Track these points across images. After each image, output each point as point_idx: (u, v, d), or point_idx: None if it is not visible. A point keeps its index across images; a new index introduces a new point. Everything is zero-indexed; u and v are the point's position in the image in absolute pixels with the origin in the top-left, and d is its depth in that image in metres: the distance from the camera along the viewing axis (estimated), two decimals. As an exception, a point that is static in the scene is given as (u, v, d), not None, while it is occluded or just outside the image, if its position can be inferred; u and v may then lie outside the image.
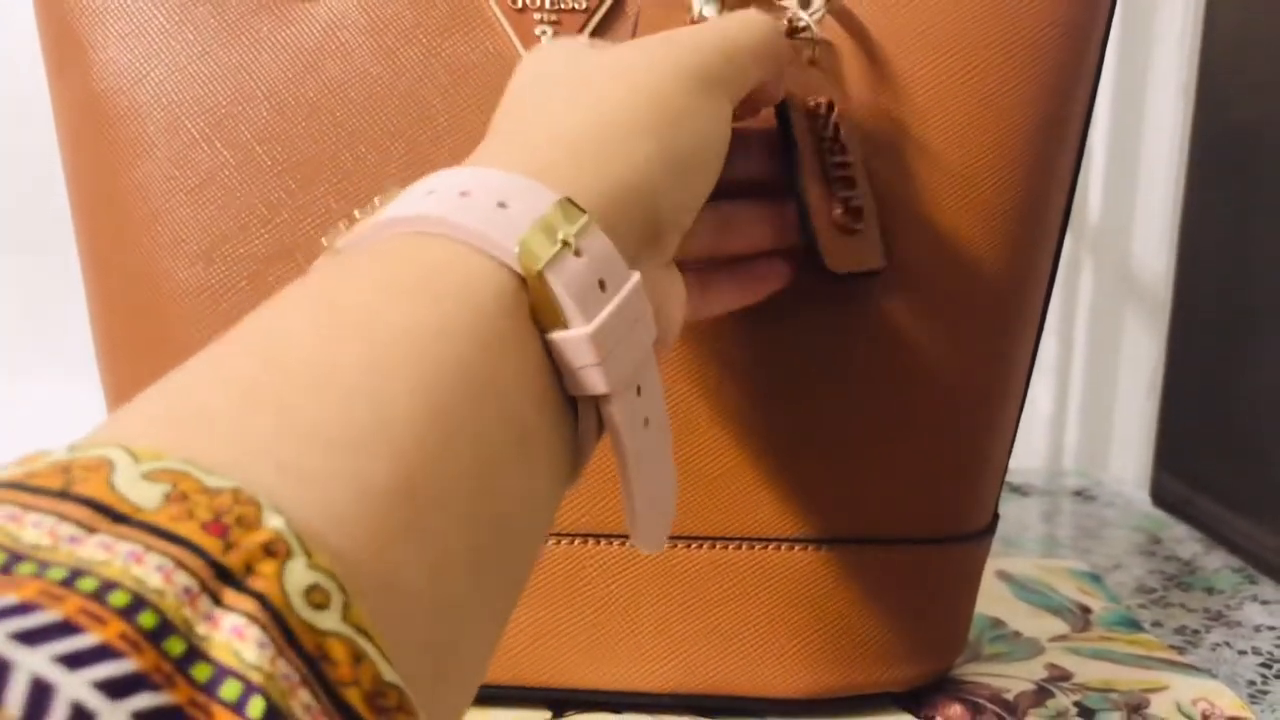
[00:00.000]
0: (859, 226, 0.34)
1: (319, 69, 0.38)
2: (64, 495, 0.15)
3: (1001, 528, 0.61)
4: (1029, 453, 0.80)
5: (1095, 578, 0.53)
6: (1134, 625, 0.48)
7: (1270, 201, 0.63)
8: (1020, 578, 0.53)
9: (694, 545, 0.38)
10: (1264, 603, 0.52)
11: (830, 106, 0.34)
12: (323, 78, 0.38)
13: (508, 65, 0.37)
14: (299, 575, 0.15)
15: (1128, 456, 0.80)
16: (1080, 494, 0.71)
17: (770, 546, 0.38)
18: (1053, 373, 0.80)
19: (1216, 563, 0.58)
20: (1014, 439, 0.40)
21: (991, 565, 0.53)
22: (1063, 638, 0.46)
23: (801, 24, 0.35)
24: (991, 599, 0.50)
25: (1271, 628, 0.49)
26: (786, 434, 0.37)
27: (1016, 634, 0.46)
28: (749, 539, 0.38)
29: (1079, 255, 0.80)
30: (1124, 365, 0.81)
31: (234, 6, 0.38)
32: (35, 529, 0.14)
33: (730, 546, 0.38)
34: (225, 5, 0.38)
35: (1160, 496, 0.73)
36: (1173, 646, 0.46)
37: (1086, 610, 0.49)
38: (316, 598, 0.15)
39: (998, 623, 0.47)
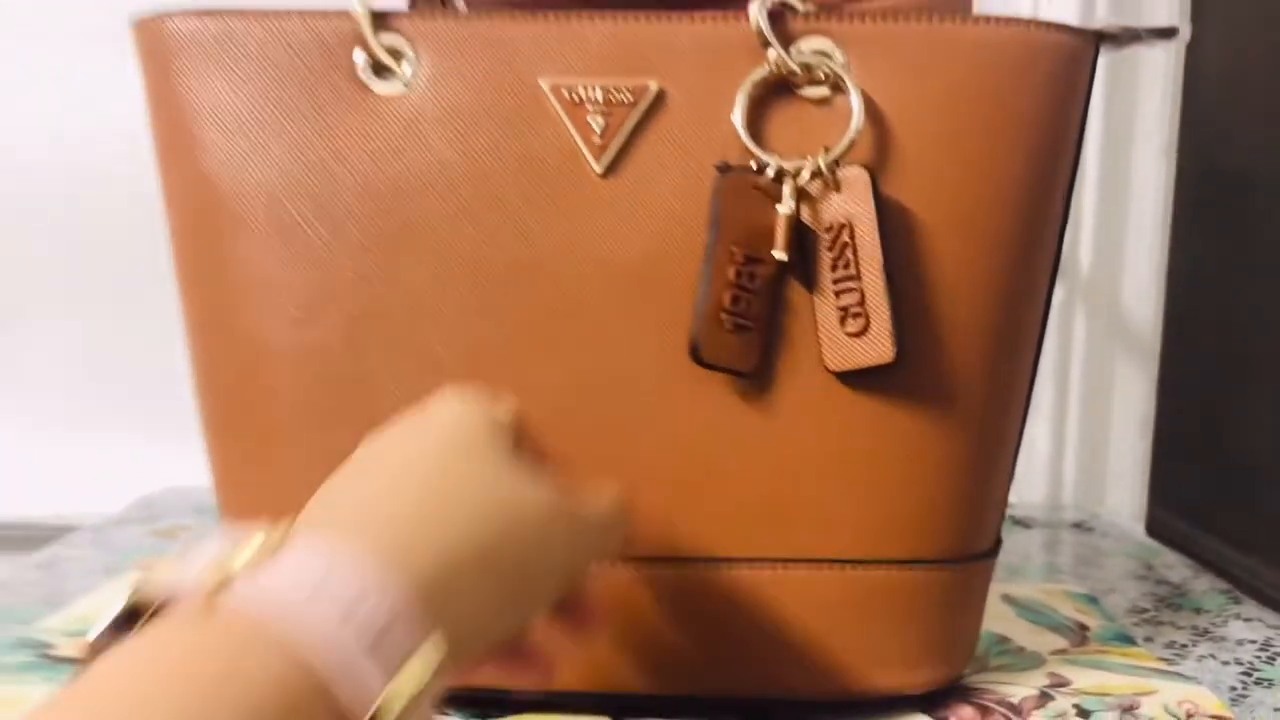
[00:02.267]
0: (855, 330, 0.40)
1: (401, 156, 0.43)
2: None
3: (1006, 557, 0.66)
4: (1030, 489, 0.85)
5: (1092, 599, 0.58)
6: (1127, 640, 0.53)
7: (1252, 248, 0.68)
8: (1023, 600, 0.58)
9: (732, 567, 0.43)
10: (1246, 620, 0.57)
11: (845, 228, 0.40)
12: (404, 164, 0.43)
13: (569, 153, 0.42)
14: None
15: (1122, 492, 0.85)
16: (1078, 526, 0.76)
17: (806, 567, 0.43)
18: (1050, 415, 0.85)
19: (1204, 585, 0.63)
20: (1012, 475, 0.45)
21: (997, 589, 0.58)
22: (1062, 651, 0.51)
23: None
24: (997, 618, 0.55)
25: (1253, 641, 0.54)
26: (826, 472, 0.42)
27: (1020, 649, 0.51)
28: (787, 560, 0.43)
29: (1072, 303, 0.85)
30: (1117, 407, 0.86)
31: (328, 104, 0.43)
32: None
33: (771, 567, 0.43)
34: (320, 102, 0.43)
35: (1154, 528, 0.78)
36: (1162, 658, 0.51)
37: (1084, 628, 0.54)
38: None
39: (1003, 639, 0.52)
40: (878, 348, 0.40)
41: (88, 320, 0.89)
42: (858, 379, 0.42)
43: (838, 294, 0.41)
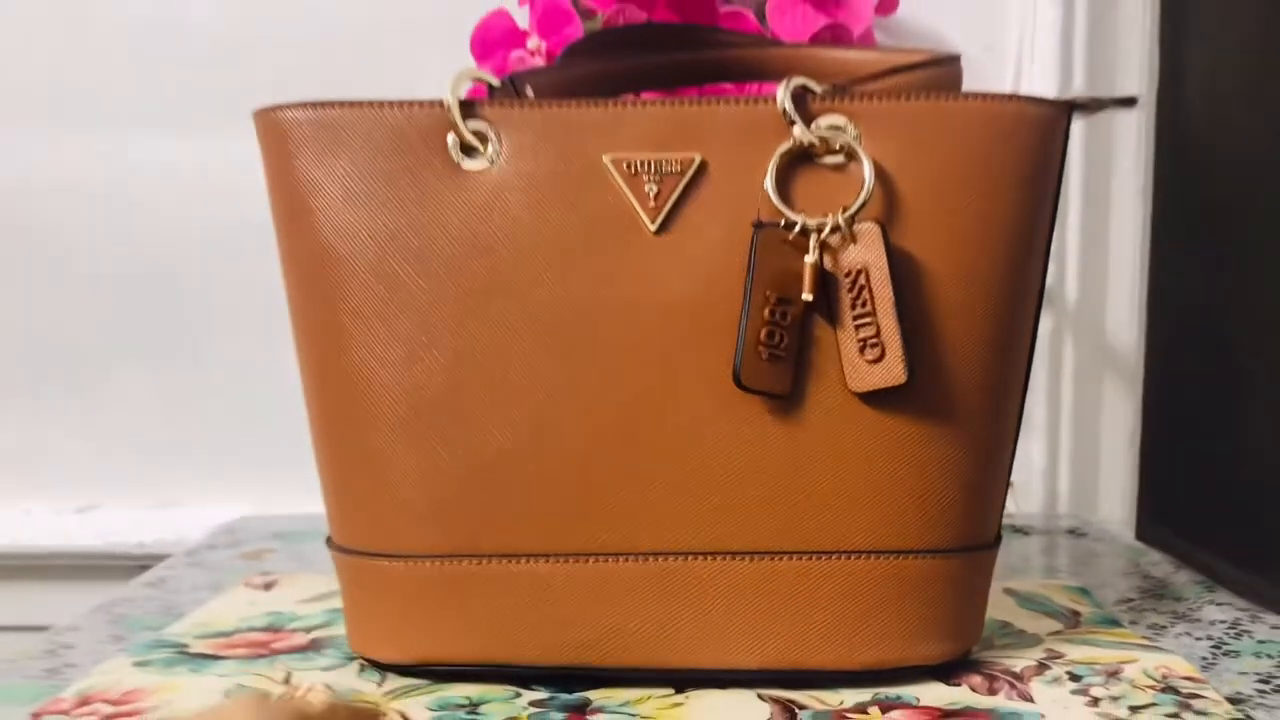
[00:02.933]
0: (874, 357, 0.48)
1: (488, 219, 0.52)
2: None
3: (1007, 559, 0.74)
4: (1028, 501, 0.93)
5: (1084, 591, 0.66)
6: (1115, 623, 0.60)
7: (1225, 278, 0.76)
8: (1023, 592, 0.66)
9: (777, 558, 0.51)
10: (1219, 605, 0.65)
11: (861, 273, 0.49)
12: (490, 227, 0.52)
13: (627, 214, 0.51)
14: None
15: (1113, 501, 0.93)
16: (1073, 532, 0.84)
17: (834, 558, 0.51)
18: (1045, 433, 0.94)
19: (1184, 579, 0.71)
20: (1009, 477, 0.53)
21: (1000, 584, 0.66)
22: (1058, 632, 0.59)
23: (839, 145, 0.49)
24: (1000, 608, 0.63)
25: (1223, 621, 0.61)
26: (849, 477, 0.51)
27: (1021, 631, 0.59)
28: (818, 552, 0.51)
29: (1062, 332, 0.94)
30: (1105, 425, 0.94)
31: (425, 178, 0.52)
32: None
33: (806, 558, 0.51)
34: (419, 177, 0.52)
35: (1142, 535, 0.86)
36: (1144, 636, 0.58)
37: (1077, 613, 0.62)
38: None
39: (1006, 624, 0.60)
40: (892, 372, 0.49)
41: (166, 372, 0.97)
42: (875, 398, 0.50)
43: (857, 328, 0.49)
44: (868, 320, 0.49)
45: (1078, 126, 0.90)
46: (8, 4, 0.94)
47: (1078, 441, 0.94)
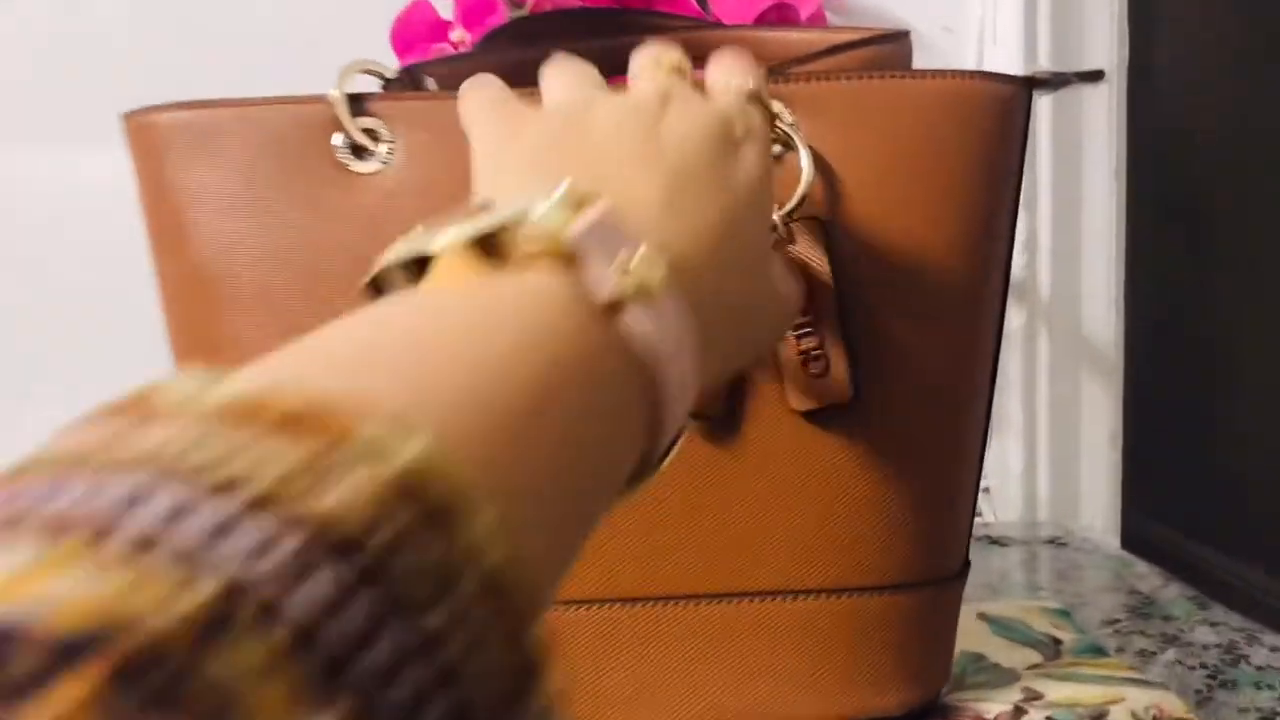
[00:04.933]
0: (818, 371, 0.43)
1: (381, 227, 0.46)
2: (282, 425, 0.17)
3: (984, 576, 0.68)
4: (1005, 508, 0.88)
5: (1065, 613, 0.61)
6: (1099, 651, 0.55)
7: (1206, 262, 0.71)
8: (999, 617, 0.60)
9: (716, 602, 0.45)
10: (1213, 624, 0.59)
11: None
12: (383, 238, 0.46)
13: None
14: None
15: (1095, 505, 0.88)
16: (1053, 542, 0.79)
17: (779, 599, 0.45)
18: (1021, 435, 0.88)
19: (1173, 593, 0.65)
20: (976, 499, 0.48)
21: (974, 608, 0.60)
22: (1037, 666, 0.53)
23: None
24: (973, 636, 0.57)
25: (1218, 645, 0.56)
26: (794, 506, 0.45)
27: (995, 665, 0.54)
28: (761, 593, 0.45)
29: (1035, 326, 0.88)
30: (1085, 423, 0.89)
31: (310, 184, 0.46)
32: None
33: (746, 601, 0.45)
34: (303, 183, 0.46)
35: (1129, 533, 0.81)
36: (1132, 666, 0.53)
37: (1058, 641, 0.56)
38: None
39: (979, 657, 0.55)
40: (837, 388, 0.43)
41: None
42: (821, 417, 0.44)
43: (798, 339, 0.43)
44: (809, 330, 0.43)
45: (1044, 108, 0.84)
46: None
47: (1056, 442, 0.89)
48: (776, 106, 0.45)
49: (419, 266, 0.28)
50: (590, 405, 0.24)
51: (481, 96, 0.36)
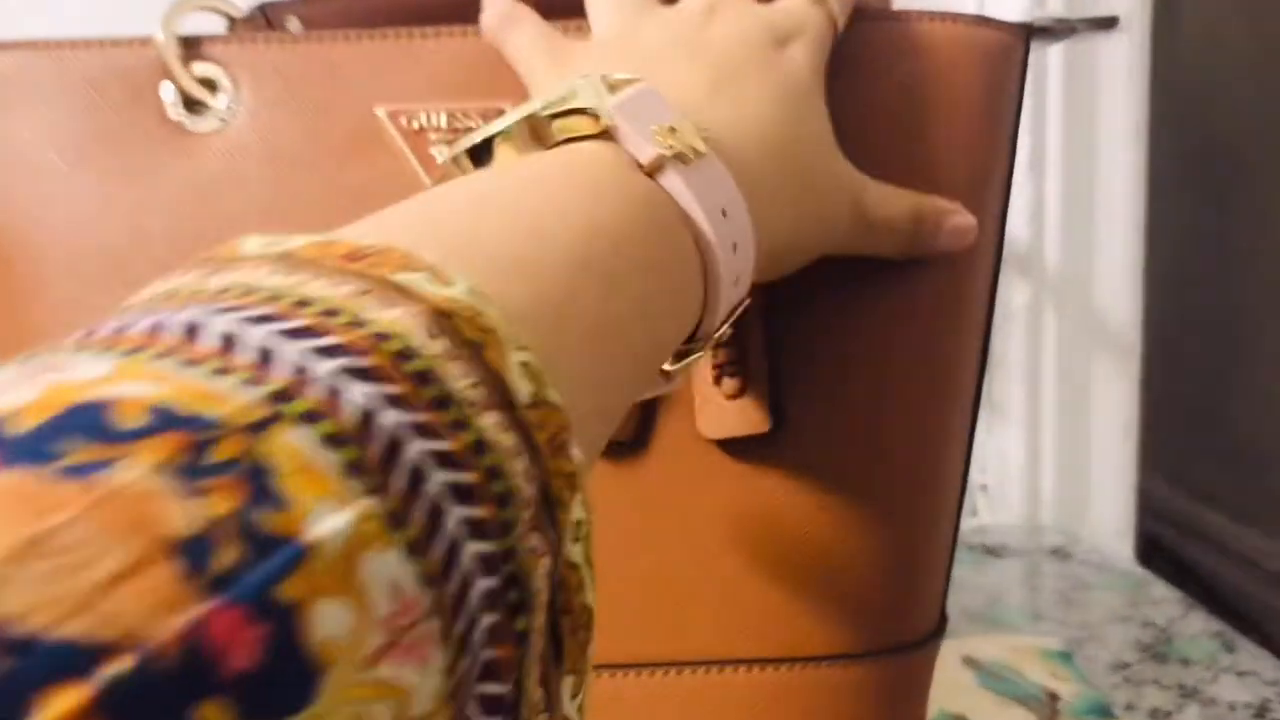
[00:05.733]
0: (732, 391, 0.33)
1: (217, 200, 0.37)
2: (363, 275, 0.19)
3: (976, 595, 0.60)
4: (1004, 508, 0.79)
5: (1067, 656, 0.52)
6: (1104, 712, 0.46)
7: (1234, 231, 0.63)
8: (987, 664, 0.51)
9: (630, 673, 0.37)
10: (1240, 674, 0.50)
11: None
12: (221, 209, 0.37)
13: (408, 185, 0.36)
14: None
15: (1106, 506, 0.78)
16: (1057, 552, 0.70)
17: (703, 671, 0.36)
18: (1023, 425, 0.79)
19: (1194, 628, 0.56)
20: (954, 543, 0.39)
21: (960, 648, 0.51)
22: (1030, 731, 0.45)
23: None
24: (956, 690, 0.48)
25: (1248, 705, 0.47)
26: (719, 559, 0.36)
27: (981, 731, 0.45)
28: (680, 664, 0.36)
29: (1041, 303, 0.79)
30: (1096, 411, 0.79)
31: (132, 144, 0.37)
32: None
33: (663, 673, 0.37)
34: (124, 143, 0.37)
35: (1152, 506, 0.72)
36: (1144, 734, 0.44)
37: (1055, 698, 0.48)
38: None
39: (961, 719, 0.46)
40: (754, 414, 0.34)
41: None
42: (744, 448, 0.35)
43: (714, 346, 0.34)
44: (725, 336, 0.34)
45: (1056, 59, 0.75)
46: None
47: (1063, 433, 0.80)
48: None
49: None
50: (635, 258, 0.25)
51: (529, 33, 0.35)
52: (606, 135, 0.26)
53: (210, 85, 0.37)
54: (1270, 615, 0.61)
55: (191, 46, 0.37)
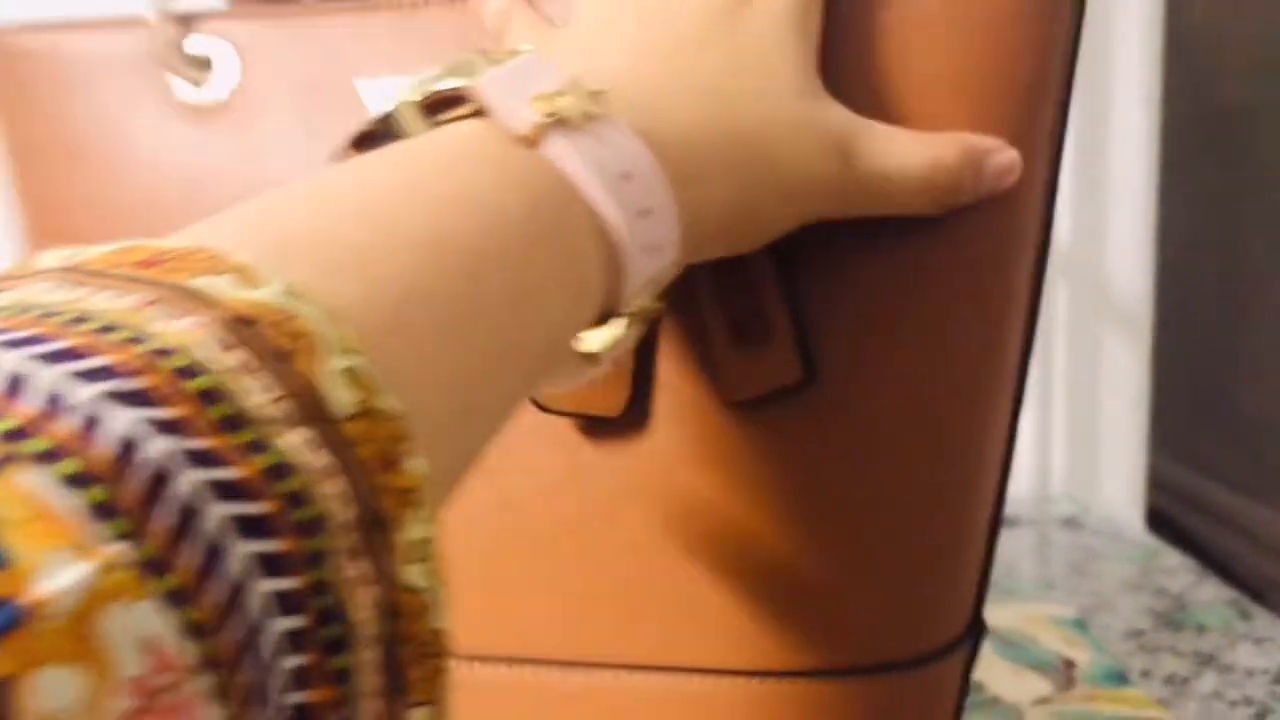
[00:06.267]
0: (755, 345, 0.32)
1: (218, 183, 0.37)
2: (158, 284, 0.17)
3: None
4: (1015, 479, 0.78)
5: (1081, 624, 0.52)
6: (1120, 679, 0.46)
7: (1248, 203, 0.62)
8: (1002, 631, 0.51)
9: (636, 674, 0.35)
10: (1257, 641, 0.50)
11: None
12: (223, 193, 0.37)
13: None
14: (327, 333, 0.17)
15: (1118, 476, 0.78)
16: (1069, 523, 0.70)
17: (698, 677, 0.34)
18: (1034, 395, 0.78)
19: (1207, 595, 0.56)
20: (996, 534, 0.36)
21: (972, 619, 0.51)
22: (1045, 700, 0.44)
23: None
24: (971, 660, 0.48)
25: (1265, 671, 0.47)
26: (718, 549, 0.34)
27: (995, 699, 0.45)
28: (675, 669, 0.34)
29: (1052, 275, 0.78)
30: (1106, 382, 0.79)
31: (128, 122, 0.37)
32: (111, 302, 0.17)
33: (657, 675, 0.35)
34: (120, 122, 0.37)
35: (1159, 481, 0.72)
36: (1160, 700, 0.44)
37: (1071, 665, 0.47)
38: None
39: (978, 688, 0.46)
40: (784, 364, 0.32)
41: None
42: (757, 414, 0.32)
43: (721, 301, 0.32)
44: (737, 284, 0.32)
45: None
46: None
47: (1074, 405, 0.79)
48: None
49: None
50: (510, 235, 0.23)
51: (516, 10, 0.33)
52: (482, 113, 0.25)
53: (202, 64, 0.37)
54: (1277, 589, 0.60)
55: (186, 23, 0.37)
